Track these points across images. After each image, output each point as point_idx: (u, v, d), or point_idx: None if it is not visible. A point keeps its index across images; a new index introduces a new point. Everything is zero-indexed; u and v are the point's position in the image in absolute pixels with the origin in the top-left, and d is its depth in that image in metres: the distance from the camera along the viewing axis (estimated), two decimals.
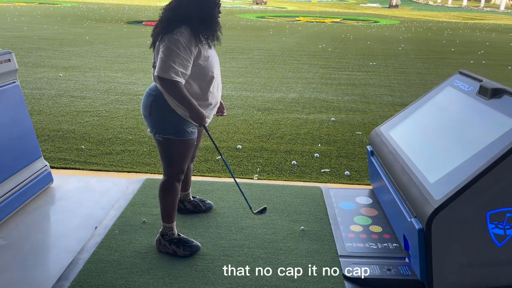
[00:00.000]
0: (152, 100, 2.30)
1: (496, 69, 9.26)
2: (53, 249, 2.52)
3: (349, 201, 3.10)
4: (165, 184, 2.42)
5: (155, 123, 2.32)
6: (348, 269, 2.33)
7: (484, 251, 2.12)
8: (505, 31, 19.08)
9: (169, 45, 2.14)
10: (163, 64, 2.14)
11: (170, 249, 2.44)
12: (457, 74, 2.97)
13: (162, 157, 2.41)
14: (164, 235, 2.46)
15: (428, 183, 2.19)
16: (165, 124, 2.30)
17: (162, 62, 2.14)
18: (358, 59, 9.96)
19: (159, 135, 2.31)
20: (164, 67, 2.13)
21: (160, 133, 2.31)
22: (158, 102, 2.29)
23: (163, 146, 2.35)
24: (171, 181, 2.41)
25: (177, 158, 2.37)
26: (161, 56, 2.16)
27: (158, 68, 2.16)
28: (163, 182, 2.43)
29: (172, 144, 2.32)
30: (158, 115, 2.31)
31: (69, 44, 10.74)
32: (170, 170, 2.40)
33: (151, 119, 2.33)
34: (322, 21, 21.81)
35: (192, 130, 2.36)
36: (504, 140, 2.03)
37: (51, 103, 5.53)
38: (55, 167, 3.61)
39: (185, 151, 2.37)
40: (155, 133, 2.33)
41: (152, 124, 2.34)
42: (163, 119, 2.30)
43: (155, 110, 2.30)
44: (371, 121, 5.21)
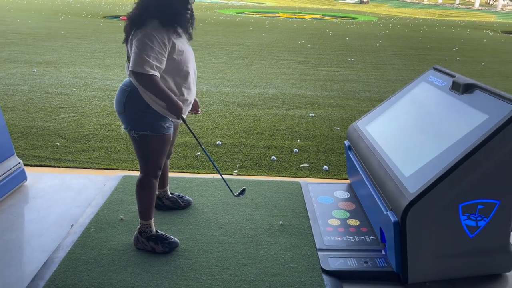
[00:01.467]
0: (126, 96, 2.25)
1: (470, 65, 9.49)
2: (28, 248, 2.47)
3: (327, 196, 3.13)
4: (142, 181, 2.39)
5: (130, 119, 2.27)
6: (326, 263, 2.36)
7: (457, 242, 2.18)
8: (479, 28, 19.56)
9: (143, 39, 2.11)
10: (137, 58, 2.11)
11: (149, 246, 2.42)
12: (431, 70, 3.03)
13: (138, 154, 2.37)
14: (142, 232, 2.44)
15: (403, 176, 2.24)
16: (141, 120, 2.26)
17: (136, 56, 2.11)
18: (337, 55, 10.05)
19: (134, 132, 2.27)
20: (138, 61, 2.10)
21: (135, 130, 2.26)
22: (133, 98, 2.24)
23: (139, 143, 2.31)
24: (148, 178, 2.38)
25: (153, 155, 2.34)
26: (135, 50, 2.12)
27: (132, 63, 2.12)
28: (140, 179, 2.40)
29: (148, 140, 2.28)
30: (133, 111, 2.26)
31: (43, 38, 10.48)
32: (146, 166, 2.37)
33: (125, 115, 2.28)
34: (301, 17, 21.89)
35: (168, 126, 2.34)
36: (475, 134, 2.09)
37: (24, 99, 5.39)
38: (29, 164, 3.53)
39: (161, 147, 2.35)
40: (130, 130, 2.28)
41: (127, 120, 2.29)
42: (139, 115, 2.26)
43: (130, 106, 2.25)
44: (349, 117, 5.27)
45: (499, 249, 2.25)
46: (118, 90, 2.32)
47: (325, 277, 2.27)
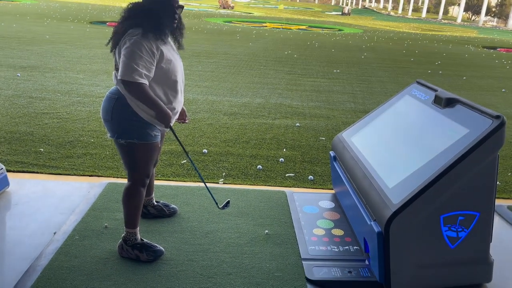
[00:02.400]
0: (114, 104, 2.25)
1: (452, 78, 9.72)
2: (9, 256, 2.42)
3: (312, 205, 3.16)
4: (130, 189, 2.38)
5: (118, 127, 2.27)
6: (311, 272, 2.38)
7: (438, 253, 2.23)
8: (461, 42, 20.07)
9: (131, 47, 2.12)
10: (126, 67, 2.12)
11: (133, 254, 2.40)
12: (414, 83, 3.11)
13: (126, 162, 2.37)
14: (127, 241, 2.42)
15: (387, 188, 2.28)
16: (128, 128, 2.26)
17: (125, 65, 2.12)
18: (323, 66, 10.18)
19: (121, 140, 2.27)
20: (127, 70, 2.11)
21: (122, 138, 2.26)
22: (120, 106, 2.25)
23: (126, 151, 2.31)
24: (136, 186, 2.38)
25: (141, 163, 2.34)
26: (123, 59, 2.13)
27: (121, 71, 2.13)
28: (127, 187, 2.39)
29: (135, 148, 2.29)
30: (120, 119, 2.26)
31: (28, 43, 10.35)
32: (134, 175, 2.37)
33: (112, 124, 2.28)
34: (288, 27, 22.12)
35: (156, 134, 2.35)
36: (456, 147, 2.15)
37: (7, 103, 5.31)
38: (11, 170, 3.47)
39: (149, 155, 2.35)
40: (117, 138, 2.28)
41: (113, 128, 2.29)
42: (126, 123, 2.26)
43: (117, 114, 2.26)
44: (334, 127, 5.34)
45: (479, 260, 2.31)
46: (105, 99, 2.32)
47: (309, 286, 2.29)
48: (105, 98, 2.32)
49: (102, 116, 2.32)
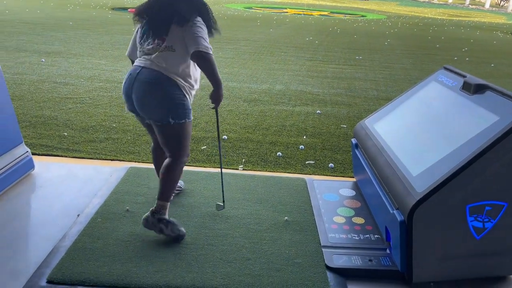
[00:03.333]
0: (167, 89, 2.34)
1: (479, 66, 9.42)
2: (34, 237, 2.49)
3: (332, 193, 3.13)
4: (173, 165, 2.46)
5: (171, 110, 2.35)
6: (331, 260, 2.36)
7: (462, 244, 2.17)
8: (489, 29, 19.39)
9: (201, 26, 2.35)
10: (203, 42, 2.30)
11: (158, 227, 2.42)
12: (441, 69, 3.01)
13: (173, 142, 2.45)
14: (154, 213, 2.43)
15: (410, 176, 2.23)
16: (181, 109, 2.38)
17: (201, 40, 2.30)
18: (345, 53, 10.01)
19: (176, 121, 2.36)
20: (204, 44, 2.30)
21: (175, 119, 2.36)
22: (172, 89, 2.35)
23: (176, 132, 2.41)
24: (179, 162, 2.48)
25: (187, 141, 2.48)
26: (197, 34, 2.30)
27: (199, 44, 2.28)
28: (171, 163, 2.46)
29: (185, 127, 2.42)
30: (173, 102, 2.35)
31: (52, 28, 10.50)
32: (180, 153, 2.47)
33: (165, 108, 2.35)
34: (309, 13, 21.79)
35: (190, 108, 2.48)
36: (485, 135, 2.08)
37: (32, 88, 5.42)
38: (36, 153, 3.54)
39: (190, 132, 2.50)
40: (171, 120, 2.35)
41: (166, 112, 2.35)
42: (179, 105, 2.37)
43: (170, 97, 2.34)
44: (356, 115, 5.25)
45: (505, 251, 2.24)
46: (149, 86, 2.34)
47: (329, 274, 2.27)
48: (150, 85, 2.33)
49: (147, 102, 2.36)
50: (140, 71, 2.36)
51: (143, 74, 2.35)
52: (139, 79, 2.35)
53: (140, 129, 4.27)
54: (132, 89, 2.37)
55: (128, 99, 2.43)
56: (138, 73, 2.36)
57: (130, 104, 2.45)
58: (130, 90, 2.39)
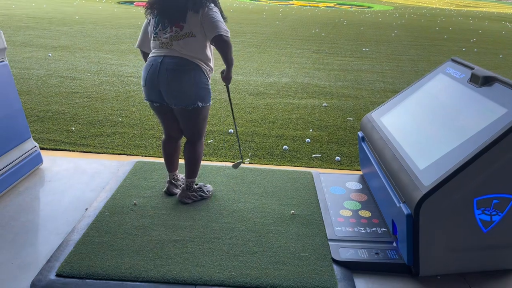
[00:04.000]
0: (193, 74, 2.46)
1: (488, 57, 9.31)
2: (43, 231, 2.52)
3: (339, 186, 3.13)
4: (199, 146, 2.71)
5: (198, 94, 2.50)
6: (337, 253, 2.37)
7: (470, 237, 2.16)
8: (498, 19, 19.12)
9: (216, 10, 2.46)
10: (222, 26, 2.42)
11: (197, 195, 2.81)
12: (449, 61, 2.98)
13: (196, 125, 2.63)
14: (189, 188, 2.78)
15: (417, 169, 2.22)
16: (205, 93, 2.54)
17: (221, 24, 2.43)
18: (351, 45, 9.93)
19: (202, 104, 2.54)
20: (224, 28, 2.43)
21: (203, 102, 2.54)
22: (199, 75, 2.48)
23: (199, 115, 2.58)
24: (202, 142, 2.74)
25: (205, 122, 2.68)
26: (215, 20, 2.41)
27: (220, 29, 2.40)
28: (196, 145, 2.70)
29: (206, 110, 2.61)
30: (200, 86, 2.50)
31: (58, 23, 10.53)
32: (201, 134, 2.69)
33: (192, 93, 2.48)
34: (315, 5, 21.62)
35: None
36: (493, 128, 2.06)
37: (40, 83, 5.45)
38: (44, 148, 3.58)
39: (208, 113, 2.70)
40: (197, 103, 2.51)
41: (193, 97, 2.49)
42: (204, 89, 2.53)
43: (197, 82, 2.48)
44: (362, 107, 5.23)
45: None
46: (176, 72, 2.45)
47: (335, 267, 2.28)
48: (177, 71, 2.45)
49: (180, 90, 2.47)
50: (163, 59, 2.45)
51: (168, 61, 2.45)
52: (165, 67, 2.45)
53: (147, 123, 4.29)
54: (158, 77, 2.46)
55: (152, 87, 2.52)
56: (161, 62, 2.45)
57: (153, 93, 2.54)
58: (156, 79, 2.47)
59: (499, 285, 2.23)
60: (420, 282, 2.21)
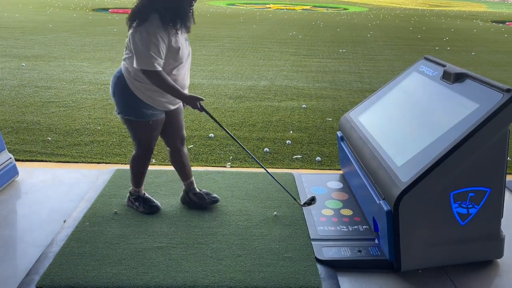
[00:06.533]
0: (115, 82, 2.43)
1: (461, 55, 9.55)
2: (21, 244, 2.45)
3: (320, 186, 3.15)
4: (135, 158, 2.65)
5: (119, 104, 2.47)
6: (320, 252, 2.38)
7: (448, 230, 2.21)
8: (469, 17, 19.65)
9: (147, 37, 2.19)
10: (144, 56, 2.20)
11: (134, 205, 2.74)
12: (422, 59, 3.05)
13: (131, 135, 2.59)
14: (132, 193, 2.76)
15: (395, 166, 2.26)
16: (126, 105, 2.44)
17: (142, 54, 2.21)
18: (328, 46, 10.05)
19: (121, 116, 2.48)
20: (146, 59, 2.21)
21: (122, 114, 2.47)
22: (121, 84, 2.40)
23: (127, 126, 2.53)
24: (139, 156, 2.63)
25: (142, 139, 2.55)
26: (140, 48, 2.20)
27: (139, 60, 2.23)
28: (133, 156, 2.64)
29: (133, 124, 2.49)
30: (120, 96, 2.44)
31: (31, 32, 10.33)
32: (138, 147, 2.61)
33: (115, 100, 2.48)
34: (292, 8, 21.80)
35: (153, 112, 2.46)
36: (465, 123, 2.11)
37: (13, 94, 5.33)
38: (20, 159, 3.49)
39: (148, 132, 2.52)
40: (118, 113, 2.49)
41: (116, 104, 2.49)
42: (125, 101, 2.43)
43: (118, 91, 2.43)
44: (341, 108, 5.29)
45: (490, 236, 2.29)
46: (112, 76, 2.49)
47: (319, 266, 2.29)
48: (112, 75, 2.50)
49: (110, 93, 2.51)
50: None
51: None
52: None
53: (125, 131, 4.24)
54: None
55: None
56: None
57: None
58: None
59: (479, 276, 2.28)
60: (402, 277, 2.25)
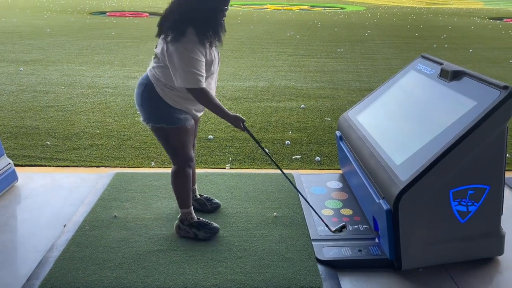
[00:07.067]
0: (143, 90, 2.32)
1: (458, 52, 9.56)
2: (22, 249, 2.45)
3: (320, 186, 3.15)
4: (176, 173, 2.44)
5: (147, 113, 2.34)
6: (321, 252, 2.38)
7: (448, 228, 2.21)
8: (466, 15, 19.67)
9: (188, 53, 2.14)
10: (188, 74, 2.15)
11: (191, 233, 2.48)
12: (419, 58, 3.05)
13: (164, 146, 2.44)
14: (183, 221, 2.50)
15: (394, 165, 2.26)
16: (157, 114, 2.32)
17: (185, 72, 2.15)
18: (326, 46, 10.05)
19: (151, 125, 2.35)
20: (190, 77, 2.15)
21: (152, 123, 2.34)
22: (149, 92, 2.30)
23: (159, 136, 2.39)
24: (181, 168, 2.43)
25: (177, 146, 2.39)
26: (181, 66, 2.15)
27: (182, 79, 2.16)
28: (174, 171, 2.45)
29: (165, 133, 2.34)
30: (150, 105, 2.32)
31: (29, 37, 10.33)
32: (176, 159, 2.43)
33: (143, 109, 2.35)
34: (289, 8, 21.82)
35: (185, 116, 2.37)
36: (464, 120, 2.11)
37: (12, 99, 5.32)
38: (19, 164, 3.49)
39: (183, 138, 2.38)
40: (147, 123, 2.36)
41: (144, 114, 2.36)
42: (155, 109, 2.31)
43: (146, 100, 2.32)
44: (339, 107, 5.29)
45: (490, 233, 2.29)
46: (137, 85, 2.38)
47: (320, 266, 2.29)
48: (137, 84, 2.38)
49: (135, 102, 2.40)
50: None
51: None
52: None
53: (124, 134, 4.24)
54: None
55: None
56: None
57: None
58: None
59: (480, 273, 2.28)
60: (403, 276, 2.25)
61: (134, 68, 7.30)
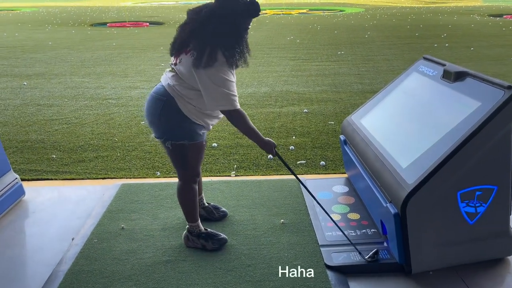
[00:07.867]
0: (162, 106, 2.22)
1: (460, 50, 9.54)
2: (31, 263, 2.46)
3: (326, 191, 3.15)
4: (183, 188, 2.43)
5: (166, 130, 2.27)
6: (330, 258, 2.37)
7: (457, 230, 2.20)
8: (466, 13, 19.65)
9: (221, 75, 2.13)
10: (224, 96, 2.15)
11: (199, 243, 2.48)
12: (421, 59, 3.05)
13: (175, 162, 2.39)
14: (191, 232, 2.50)
15: (400, 168, 2.25)
16: (178, 130, 2.26)
17: (221, 95, 2.14)
18: (327, 49, 10.07)
19: (171, 142, 2.27)
20: (227, 98, 2.16)
21: (172, 140, 2.27)
22: (170, 109, 2.22)
23: (175, 152, 2.31)
24: (188, 184, 2.42)
25: (191, 162, 2.36)
26: (217, 89, 2.13)
27: (220, 101, 2.16)
28: (180, 187, 2.44)
29: (185, 149, 2.30)
30: (170, 121, 2.24)
31: (31, 50, 10.41)
32: (185, 174, 2.40)
33: (160, 126, 2.27)
34: (288, 13, 21.89)
35: (203, 132, 2.36)
36: (468, 121, 2.11)
37: (16, 113, 5.36)
38: (26, 179, 3.51)
39: (198, 154, 2.37)
40: (165, 140, 2.28)
41: (162, 130, 2.28)
42: (176, 126, 2.25)
43: (166, 116, 2.23)
44: (342, 110, 5.29)
45: (500, 234, 2.27)
46: (150, 99, 2.29)
47: (329, 272, 2.28)
48: (150, 99, 2.29)
49: (148, 118, 2.31)
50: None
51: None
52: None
53: (129, 145, 4.26)
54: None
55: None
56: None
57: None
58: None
59: (490, 274, 2.26)
60: (413, 279, 2.23)
61: (136, 78, 7.34)
